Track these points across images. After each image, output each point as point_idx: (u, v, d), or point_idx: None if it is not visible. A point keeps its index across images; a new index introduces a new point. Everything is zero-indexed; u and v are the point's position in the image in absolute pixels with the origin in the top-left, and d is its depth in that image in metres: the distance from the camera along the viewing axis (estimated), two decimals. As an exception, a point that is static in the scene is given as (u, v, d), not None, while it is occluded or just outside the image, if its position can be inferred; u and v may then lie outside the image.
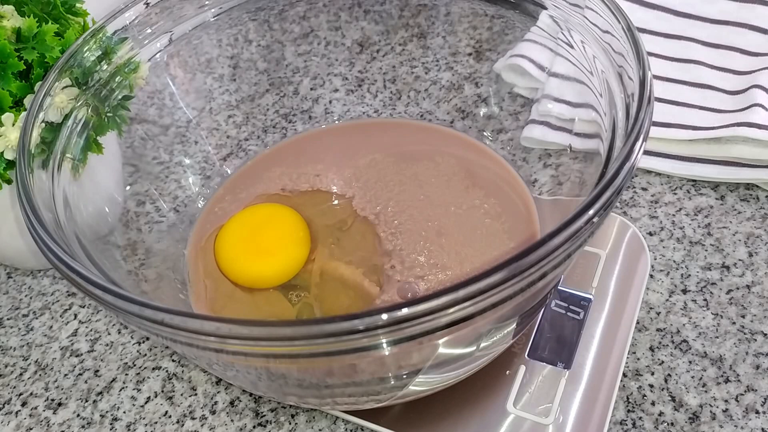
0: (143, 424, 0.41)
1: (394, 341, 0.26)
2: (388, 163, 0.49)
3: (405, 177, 0.47)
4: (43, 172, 0.36)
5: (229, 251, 0.44)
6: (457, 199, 0.45)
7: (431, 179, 0.47)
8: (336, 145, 0.52)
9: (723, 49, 0.54)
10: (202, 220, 0.47)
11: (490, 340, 0.34)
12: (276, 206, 0.46)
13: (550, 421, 0.38)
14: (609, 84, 0.37)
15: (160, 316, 0.27)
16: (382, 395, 0.36)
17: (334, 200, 0.47)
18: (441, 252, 0.43)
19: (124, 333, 0.46)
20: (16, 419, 0.43)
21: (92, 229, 0.38)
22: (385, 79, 0.54)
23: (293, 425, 0.40)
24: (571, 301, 0.43)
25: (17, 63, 0.40)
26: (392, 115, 0.53)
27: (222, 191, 0.49)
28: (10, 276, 0.51)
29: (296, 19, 0.54)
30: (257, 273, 0.43)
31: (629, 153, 0.30)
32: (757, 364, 0.40)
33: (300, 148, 0.52)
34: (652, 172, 0.50)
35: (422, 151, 0.49)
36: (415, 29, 0.54)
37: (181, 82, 0.50)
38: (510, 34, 0.50)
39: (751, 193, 0.48)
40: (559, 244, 0.27)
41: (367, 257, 0.43)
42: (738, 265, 0.44)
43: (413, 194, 0.46)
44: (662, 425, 0.38)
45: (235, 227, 0.45)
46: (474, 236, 0.43)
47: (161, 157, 0.49)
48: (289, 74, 0.54)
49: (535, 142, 0.47)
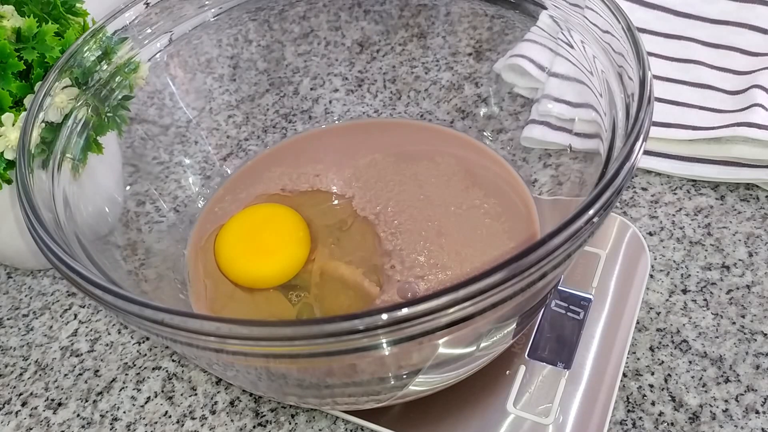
0: (143, 424, 0.41)
1: (394, 341, 0.26)
2: (388, 163, 0.49)
3: (405, 177, 0.47)
4: (43, 172, 0.36)
5: (229, 251, 0.44)
6: (457, 199, 0.45)
7: (431, 179, 0.47)
8: (336, 145, 0.52)
9: (723, 49, 0.54)
10: (202, 220, 0.47)
11: (490, 340, 0.34)
12: (276, 206, 0.46)
13: (550, 421, 0.38)
14: (609, 84, 0.37)
15: (160, 316, 0.27)
16: (382, 395, 0.36)
17: (334, 200, 0.47)
18: (441, 252, 0.43)
19: (124, 333, 0.46)
20: (16, 419, 0.43)
21: (92, 229, 0.38)
22: (385, 79, 0.54)
23: (293, 425, 0.40)
24: (571, 301, 0.43)
25: (17, 63, 0.40)
26: (392, 115, 0.53)
27: (222, 191, 0.49)
28: (10, 276, 0.51)
29: (296, 19, 0.54)
30: (257, 273, 0.43)
31: (629, 153, 0.30)
32: (757, 364, 0.40)
33: (300, 148, 0.52)
34: (652, 172, 0.50)
35: (422, 151, 0.49)
36: (415, 29, 0.54)
37: (181, 82, 0.50)
38: (510, 34, 0.50)
39: (751, 193, 0.48)
40: (559, 244, 0.27)
41: (367, 257, 0.43)
42: (738, 265, 0.44)
43: (413, 194, 0.46)
44: (662, 425, 0.38)
45: (235, 227, 0.45)
46: (474, 236, 0.43)
47: (161, 157, 0.49)
48: (289, 74, 0.54)
49: (535, 142, 0.47)
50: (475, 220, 0.44)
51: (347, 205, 0.46)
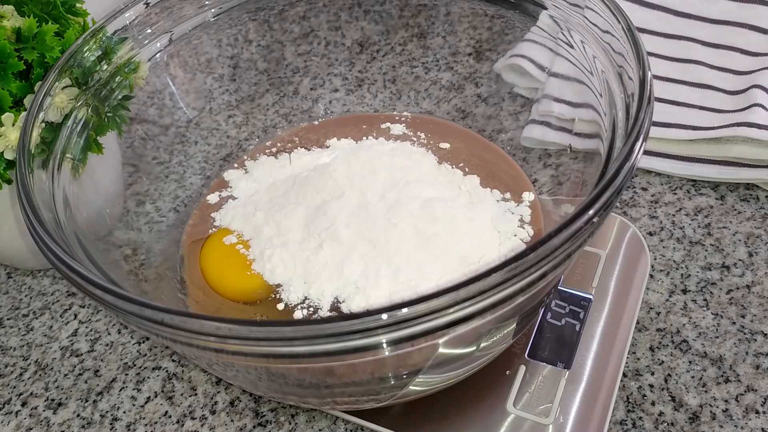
0: (143, 424, 0.41)
1: (394, 341, 0.26)
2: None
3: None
4: (43, 172, 0.36)
5: (213, 270, 0.43)
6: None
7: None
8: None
9: (723, 49, 0.54)
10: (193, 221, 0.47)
11: (490, 340, 0.34)
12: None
13: (550, 421, 0.38)
14: (609, 84, 0.37)
15: (160, 316, 0.27)
16: (382, 395, 0.36)
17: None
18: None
19: (124, 333, 0.46)
20: (16, 419, 0.43)
21: (92, 229, 0.38)
22: (385, 79, 0.54)
23: (293, 425, 0.40)
24: (571, 301, 0.43)
25: (17, 63, 0.40)
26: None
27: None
28: (10, 276, 0.51)
29: (296, 19, 0.54)
30: (244, 286, 0.42)
31: (629, 153, 0.30)
32: (757, 364, 0.40)
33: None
34: (652, 172, 0.50)
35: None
36: (415, 29, 0.54)
37: (181, 82, 0.50)
38: (510, 34, 0.50)
39: (751, 193, 0.48)
40: (559, 244, 0.27)
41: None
42: (738, 265, 0.44)
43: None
44: (662, 425, 0.38)
45: (215, 244, 0.44)
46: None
47: (161, 157, 0.49)
48: (289, 74, 0.55)
49: (535, 142, 0.47)
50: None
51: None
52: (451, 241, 0.40)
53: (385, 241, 0.39)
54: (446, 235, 0.40)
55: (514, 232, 0.42)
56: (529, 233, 0.42)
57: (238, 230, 0.44)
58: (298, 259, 0.41)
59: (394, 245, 0.39)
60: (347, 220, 0.41)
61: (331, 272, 0.39)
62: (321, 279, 0.39)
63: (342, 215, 0.41)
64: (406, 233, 0.40)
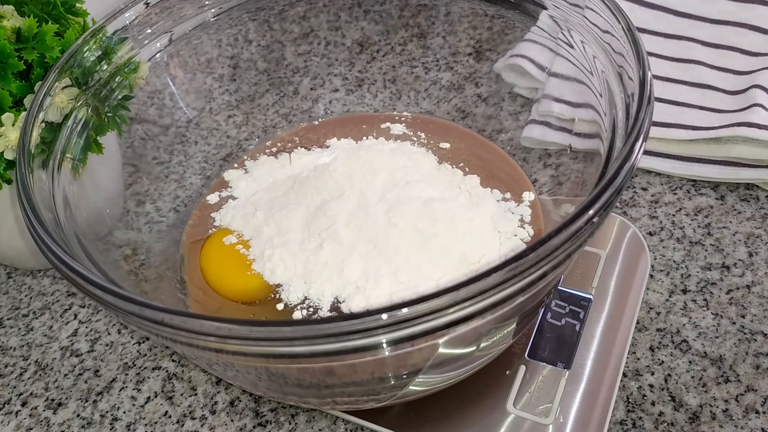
0: (143, 424, 0.41)
1: (394, 341, 0.26)
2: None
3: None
4: (43, 172, 0.36)
5: (213, 270, 0.43)
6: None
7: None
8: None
9: (723, 49, 0.54)
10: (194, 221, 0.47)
11: (490, 340, 0.34)
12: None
13: (550, 421, 0.38)
14: (609, 84, 0.37)
15: (160, 316, 0.27)
16: (382, 395, 0.36)
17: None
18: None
19: (124, 333, 0.46)
20: (16, 419, 0.43)
21: (92, 229, 0.38)
22: (385, 79, 0.54)
23: (293, 425, 0.40)
24: (571, 301, 0.43)
25: (17, 63, 0.40)
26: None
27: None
28: (10, 276, 0.51)
29: (296, 19, 0.54)
30: (244, 286, 0.42)
31: (629, 153, 0.30)
32: (757, 364, 0.40)
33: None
34: (652, 172, 0.50)
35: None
36: (415, 29, 0.54)
37: (181, 82, 0.50)
38: (510, 34, 0.50)
39: (751, 193, 0.48)
40: (559, 244, 0.27)
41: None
42: (738, 265, 0.44)
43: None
44: (662, 425, 0.38)
45: (215, 245, 0.44)
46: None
47: (161, 157, 0.49)
48: (289, 74, 0.55)
49: (535, 142, 0.47)
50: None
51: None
52: (452, 241, 0.40)
53: (385, 241, 0.39)
54: (446, 235, 0.40)
55: (514, 232, 0.42)
56: (529, 233, 0.42)
57: (238, 230, 0.44)
58: (298, 259, 0.41)
59: (394, 245, 0.39)
60: (347, 220, 0.41)
61: (331, 272, 0.39)
62: (321, 279, 0.40)
63: (342, 215, 0.41)
64: (407, 233, 0.40)
